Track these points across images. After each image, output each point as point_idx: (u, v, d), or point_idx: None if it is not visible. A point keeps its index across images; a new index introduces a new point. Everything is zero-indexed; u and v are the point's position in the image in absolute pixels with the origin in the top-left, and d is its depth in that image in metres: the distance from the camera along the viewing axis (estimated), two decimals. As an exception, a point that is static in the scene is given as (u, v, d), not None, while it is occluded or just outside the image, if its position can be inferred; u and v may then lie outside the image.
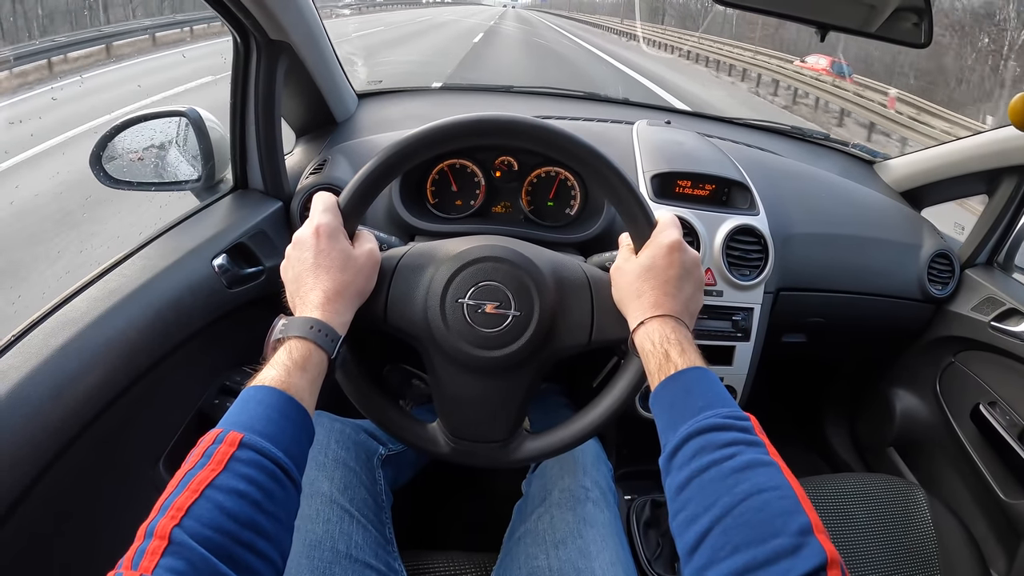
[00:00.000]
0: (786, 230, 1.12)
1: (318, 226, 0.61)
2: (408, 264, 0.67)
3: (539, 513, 0.77)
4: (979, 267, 1.28)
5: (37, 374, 0.62)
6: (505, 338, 0.63)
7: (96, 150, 0.92)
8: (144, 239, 0.85)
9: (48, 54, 4.92)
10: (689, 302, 0.62)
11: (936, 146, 1.37)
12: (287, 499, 0.48)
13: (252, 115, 0.93)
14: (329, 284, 0.60)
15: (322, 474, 0.75)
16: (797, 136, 1.56)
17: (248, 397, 0.51)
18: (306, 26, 0.94)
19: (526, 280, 0.64)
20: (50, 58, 4.94)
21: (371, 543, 0.72)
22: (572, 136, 0.63)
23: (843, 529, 0.93)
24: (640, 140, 1.15)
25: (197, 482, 0.43)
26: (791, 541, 0.41)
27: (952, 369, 1.29)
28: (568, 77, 10.51)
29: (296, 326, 0.57)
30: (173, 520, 0.40)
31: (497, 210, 1.06)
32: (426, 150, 0.65)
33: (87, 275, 0.76)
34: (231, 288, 0.87)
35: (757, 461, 0.47)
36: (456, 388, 0.67)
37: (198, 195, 1.00)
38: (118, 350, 0.70)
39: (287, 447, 0.49)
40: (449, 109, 0.65)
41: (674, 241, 0.62)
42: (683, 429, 0.50)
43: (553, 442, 0.68)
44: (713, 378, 0.56)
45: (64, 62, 5.06)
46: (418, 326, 0.65)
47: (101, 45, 6.15)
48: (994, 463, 1.17)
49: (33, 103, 3.90)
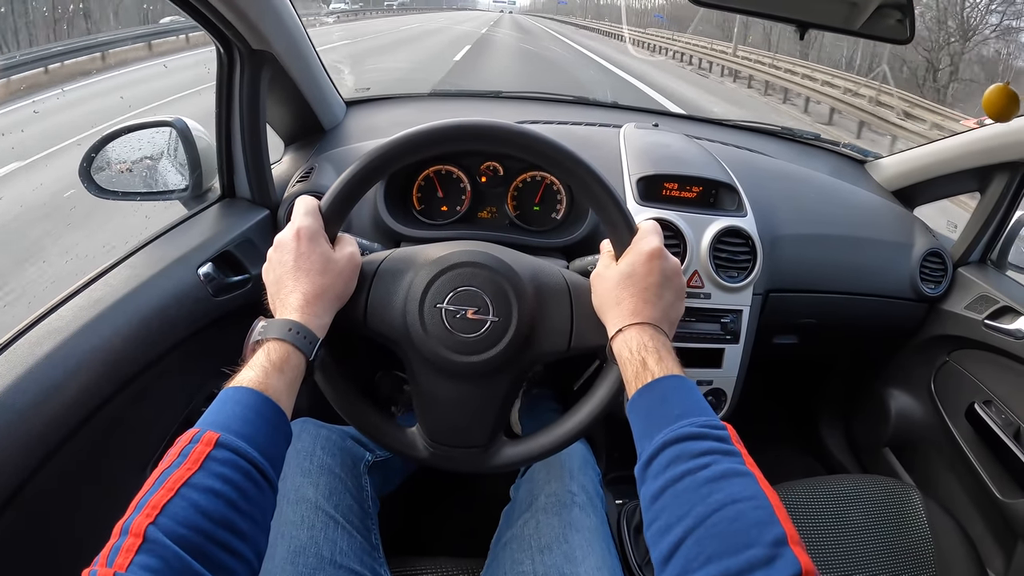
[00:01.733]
0: (775, 231, 1.12)
1: (299, 229, 0.62)
2: (388, 268, 0.67)
3: (525, 518, 0.77)
4: (972, 265, 1.27)
5: (22, 382, 0.63)
6: (483, 343, 0.63)
7: (85, 161, 0.93)
8: (130, 248, 0.85)
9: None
10: (669, 310, 0.62)
11: (927, 144, 1.37)
12: (263, 499, 0.48)
13: (237, 125, 0.93)
14: (308, 287, 0.60)
15: (307, 480, 0.75)
16: (787, 136, 1.55)
17: (226, 398, 0.51)
18: (289, 35, 0.95)
19: (504, 285, 0.64)
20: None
21: (356, 549, 0.72)
22: (552, 141, 0.63)
23: (838, 531, 0.92)
24: (627, 143, 1.15)
25: (173, 481, 0.43)
26: (765, 552, 0.41)
27: (946, 368, 1.28)
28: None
29: (275, 328, 0.57)
30: (148, 518, 0.40)
31: (483, 215, 1.06)
32: (407, 155, 0.65)
33: (73, 285, 0.76)
34: (217, 296, 0.87)
35: (732, 471, 0.46)
36: (435, 393, 0.67)
37: (186, 204, 1.00)
38: (103, 358, 0.71)
39: (263, 447, 0.49)
40: (437, 115, 0.66)
41: (654, 248, 0.62)
42: (658, 438, 0.50)
43: (533, 448, 0.68)
44: (690, 386, 0.55)
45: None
46: (397, 330, 0.65)
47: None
48: (990, 462, 1.16)
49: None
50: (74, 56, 5.87)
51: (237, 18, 0.82)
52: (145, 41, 7.82)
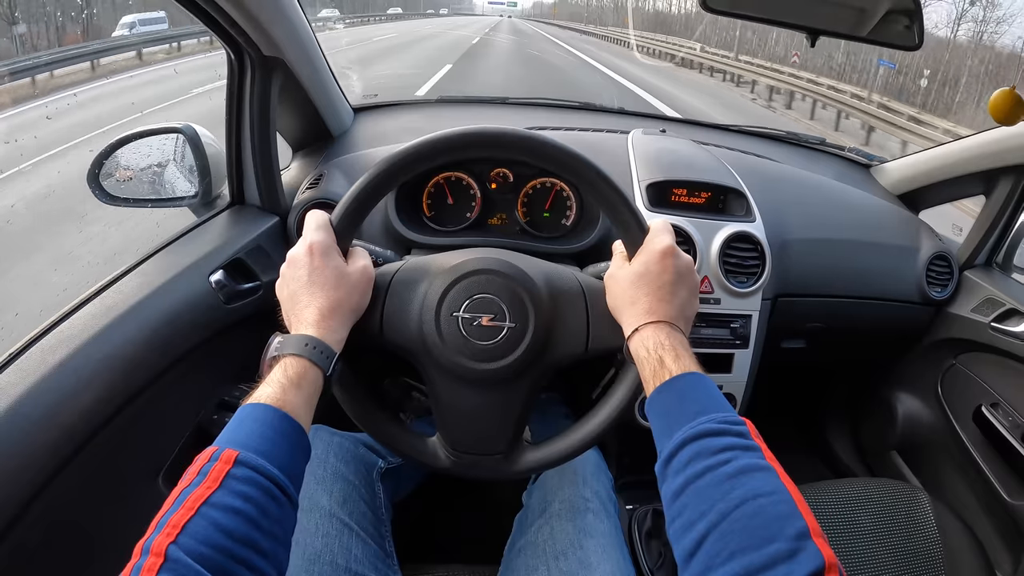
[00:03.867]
0: (783, 236, 1.12)
1: (311, 244, 0.62)
2: (402, 279, 0.67)
3: (539, 525, 0.77)
4: (978, 268, 1.27)
5: (35, 391, 0.63)
6: (501, 350, 0.63)
7: (93, 168, 0.93)
8: (141, 256, 0.85)
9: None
10: (684, 307, 0.62)
11: (933, 148, 1.37)
12: (283, 516, 0.48)
13: (248, 131, 0.93)
14: (323, 301, 0.60)
15: (321, 488, 0.75)
16: (793, 141, 1.56)
17: (244, 415, 0.51)
18: (300, 42, 0.95)
19: (520, 291, 0.64)
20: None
21: (370, 556, 0.72)
22: (561, 145, 0.64)
23: (847, 535, 0.92)
24: (635, 149, 1.16)
25: (193, 499, 0.43)
26: (788, 546, 0.41)
27: (953, 371, 1.28)
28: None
29: (291, 344, 0.57)
30: (169, 537, 0.40)
31: (493, 222, 1.06)
32: (416, 165, 0.65)
33: (85, 292, 0.76)
34: (228, 304, 0.87)
35: (753, 466, 0.47)
36: (455, 402, 0.67)
37: (195, 211, 1.00)
38: (116, 366, 0.71)
39: (283, 464, 0.49)
40: (444, 122, 0.66)
41: (667, 247, 0.62)
42: (678, 435, 0.50)
43: (553, 452, 0.68)
44: (708, 383, 0.55)
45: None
46: (414, 341, 0.65)
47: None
48: (998, 465, 1.16)
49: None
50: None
51: (250, 24, 0.82)
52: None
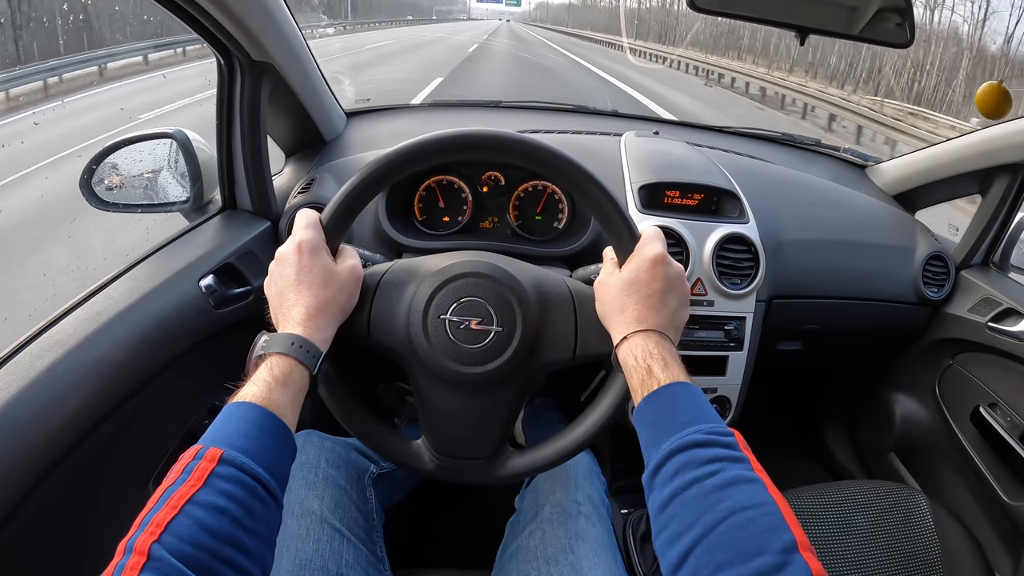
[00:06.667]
0: (777, 237, 1.12)
1: (300, 242, 0.62)
2: (390, 280, 0.67)
3: (531, 529, 0.76)
4: (974, 268, 1.27)
5: (23, 395, 0.63)
6: (488, 354, 0.63)
7: (85, 173, 0.92)
8: (131, 261, 0.85)
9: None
10: (674, 316, 0.61)
11: (927, 147, 1.37)
12: (268, 515, 0.47)
13: (238, 136, 0.93)
14: (311, 300, 0.60)
15: (312, 493, 0.74)
16: (787, 143, 1.56)
17: (229, 413, 0.51)
18: (289, 46, 0.95)
19: (508, 295, 0.64)
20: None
21: (362, 562, 0.72)
22: (553, 149, 0.63)
23: (845, 537, 0.91)
24: (628, 151, 1.15)
25: (176, 498, 0.43)
26: (775, 559, 0.40)
27: (951, 372, 1.28)
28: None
29: (277, 342, 0.57)
30: (152, 536, 0.40)
31: (485, 225, 1.06)
32: (407, 166, 0.65)
33: (74, 297, 0.76)
34: (219, 308, 0.87)
35: (741, 478, 0.46)
36: (440, 405, 0.66)
37: (187, 216, 1.00)
38: (105, 371, 0.70)
39: (268, 463, 0.49)
40: (437, 125, 0.65)
41: (657, 254, 0.61)
42: (666, 446, 0.50)
43: (539, 458, 0.68)
44: (697, 393, 0.55)
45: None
46: (401, 343, 0.64)
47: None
48: (996, 465, 1.15)
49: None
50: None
51: (238, 29, 0.82)
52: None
